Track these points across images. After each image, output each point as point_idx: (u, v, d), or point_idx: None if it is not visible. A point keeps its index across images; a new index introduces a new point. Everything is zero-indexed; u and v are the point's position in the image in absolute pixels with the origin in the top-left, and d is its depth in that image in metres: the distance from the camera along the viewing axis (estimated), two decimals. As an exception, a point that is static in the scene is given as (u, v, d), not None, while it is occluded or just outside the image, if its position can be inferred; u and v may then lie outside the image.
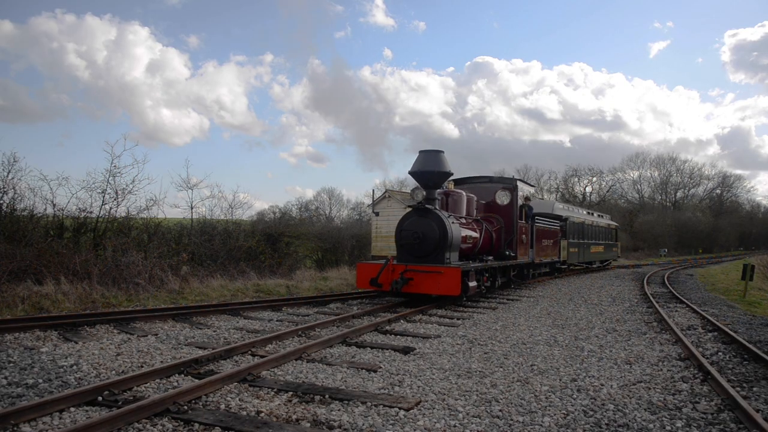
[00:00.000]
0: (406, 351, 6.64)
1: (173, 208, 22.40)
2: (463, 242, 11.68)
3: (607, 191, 67.84)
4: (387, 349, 6.72)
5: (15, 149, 33.16)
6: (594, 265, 26.73)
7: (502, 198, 14.34)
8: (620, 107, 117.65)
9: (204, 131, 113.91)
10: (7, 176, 13.57)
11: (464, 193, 13.03)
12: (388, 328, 8.14)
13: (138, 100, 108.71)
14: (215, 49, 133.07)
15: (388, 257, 11.00)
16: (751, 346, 7.07)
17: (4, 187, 13.54)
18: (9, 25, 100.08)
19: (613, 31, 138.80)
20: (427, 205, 11.19)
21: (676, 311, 11.13)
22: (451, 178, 12.65)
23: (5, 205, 13.54)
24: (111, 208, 15.16)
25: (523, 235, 14.48)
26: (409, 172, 11.39)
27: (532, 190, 16.65)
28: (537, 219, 16.16)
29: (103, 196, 14.95)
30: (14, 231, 12.82)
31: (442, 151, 11.34)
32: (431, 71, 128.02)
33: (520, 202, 14.32)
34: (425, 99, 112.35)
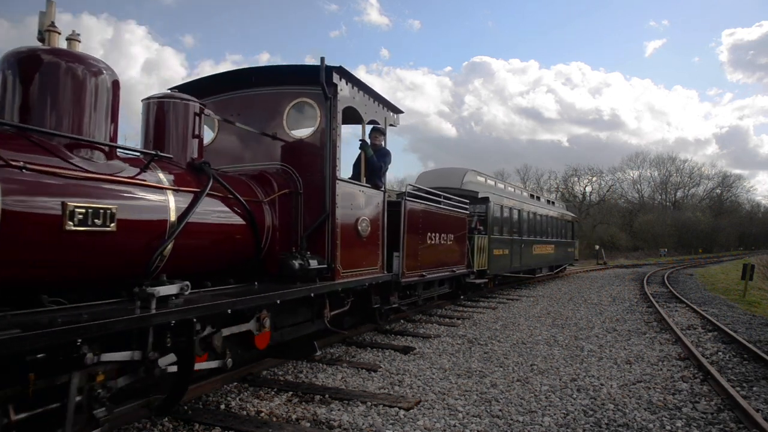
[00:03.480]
0: (406, 351, 6.64)
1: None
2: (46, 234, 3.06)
3: (607, 191, 67.95)
4: (387, 349, 6.72)
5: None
6: (540, 273, 18.25)
7: (296, 122, 6.02)
8: (618, 106, 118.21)
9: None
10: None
11: (107, 74, 3.65)
12: (388, 327, 8.15)
13: (135, 99, 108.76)
14: (211, 49, 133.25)
15: None
16: (751, 345, 7.07)
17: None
18: (5, 24, 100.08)
19: (610, 29, 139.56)
20: None
21: (676, 311, 11.13)
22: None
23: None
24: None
25: (362, 220, 6.12)
26: None
27: (394, 117, 7.32)
28: (418, 194, 8.58)
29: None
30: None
31: None
32: (428, 70, 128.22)
33: (359, 136, 6.52)
34: (422, 98, 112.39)
